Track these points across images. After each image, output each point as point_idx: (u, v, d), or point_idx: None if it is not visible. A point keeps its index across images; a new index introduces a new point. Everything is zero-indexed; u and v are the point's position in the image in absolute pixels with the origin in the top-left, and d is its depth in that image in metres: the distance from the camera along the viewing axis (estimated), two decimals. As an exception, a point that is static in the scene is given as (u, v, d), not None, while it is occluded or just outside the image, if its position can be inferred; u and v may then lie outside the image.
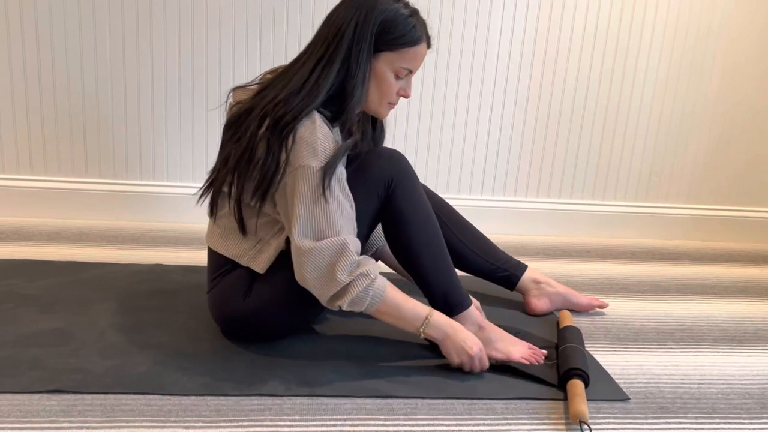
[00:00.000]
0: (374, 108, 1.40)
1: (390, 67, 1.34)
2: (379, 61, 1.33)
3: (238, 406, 1.19)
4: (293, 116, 1.26)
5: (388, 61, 1.34)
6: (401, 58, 1.34)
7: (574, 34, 2.33)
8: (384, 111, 1.41)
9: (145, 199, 2.26)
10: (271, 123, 1.27)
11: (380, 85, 1.35)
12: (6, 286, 1.64)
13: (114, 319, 1.50)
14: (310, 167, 1.25)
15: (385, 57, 1.33)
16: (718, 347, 1.60)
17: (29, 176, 2.22)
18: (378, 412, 1.21)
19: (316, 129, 1.27)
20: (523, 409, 1.25)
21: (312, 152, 1.26)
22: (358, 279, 1.26)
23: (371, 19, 1.30)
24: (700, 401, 1.33)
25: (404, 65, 1.35)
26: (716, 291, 2.00)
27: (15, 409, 1.14)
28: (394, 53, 1.33)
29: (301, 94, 1.28)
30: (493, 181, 2.44)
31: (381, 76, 1.34)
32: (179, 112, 2.23)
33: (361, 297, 1.27)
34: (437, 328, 1.33)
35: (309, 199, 1.26)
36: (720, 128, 2.50)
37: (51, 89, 2.16)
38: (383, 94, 1.37)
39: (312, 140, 1.26)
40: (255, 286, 1.37)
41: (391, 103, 1.40)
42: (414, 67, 1.37)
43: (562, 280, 1.93)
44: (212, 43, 2.18)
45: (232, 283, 1.39)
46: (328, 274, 1.26)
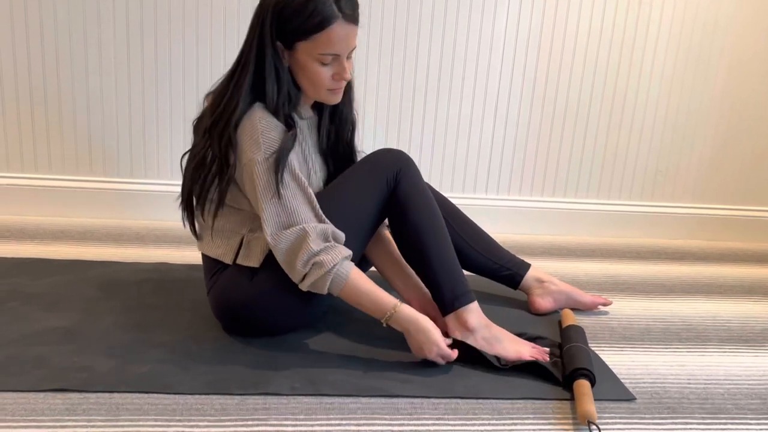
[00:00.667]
0: (316, 97, 1.40)
1: (309, 56, 1.31)
2: (297, 52, 1.32)
3: (242, 405, 1.19)
4: (226, 118, 1.30)
5: (305, 51, 1.31)
6: (315, 46, 1.30)
7: (579, 31, 2.32)
8: (328, 97, 1.39)
9: (149, 198, 2.26)
10: (209, 128, 1.32)
11: (307, 75, 1.34)
12: (11, 285, 1.64)
13: (118, 318, 1.50)
14: (256, 161, 1.30)
15: (301, 47, 1.31)
16: (725, 347, 1.59)
17: (34, 174, 2.22)
18: (383, 412, 1.20)
19: (256, 122, 1.30)
20: (529, 409, 1.25)
21: (255, 145, 1.29)
22: (313, 268, 1.29)
23: (269, 13, 1.29)
24: (707, 401, 1.33)
25: (322, 51, 1.30)
26: (722, 291, 1.99)
27: (20, 407, 1.14)
28: (307, 42, 1.30)
29: (224, 99, 1.32)
30: (497, 179, 2.43)
31: (304, 66, 1.33)
32: (183, 110, 2.23)
33: (318, 284, 1.30)
34: (400, 322, 1.34)
35: (266, 191, 1.30)
36: (726, 127, 2.49)
37: (55, 87, 2.16)
38: (314, 83, 1.35)
39: (254, 133, 1.30)
40: (256, 276, 1.38)
41: (331, 89, 1.37)
42: (335, 50, 1.31)
43: (566, 280, 1.92)
44: (217, 40, 2.18)
45: (231, 277, 1.40)
46: (290, 263, 1.31)
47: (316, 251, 1.29)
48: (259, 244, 1.38)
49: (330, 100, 1.40)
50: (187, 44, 2.17)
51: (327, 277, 1.30)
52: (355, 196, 1.39)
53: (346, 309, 1.61)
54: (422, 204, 1.41)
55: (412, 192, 1.41)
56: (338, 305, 1.56)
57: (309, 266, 1.29)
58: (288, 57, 1.34)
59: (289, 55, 1.33)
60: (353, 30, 1.32)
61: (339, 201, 1.38)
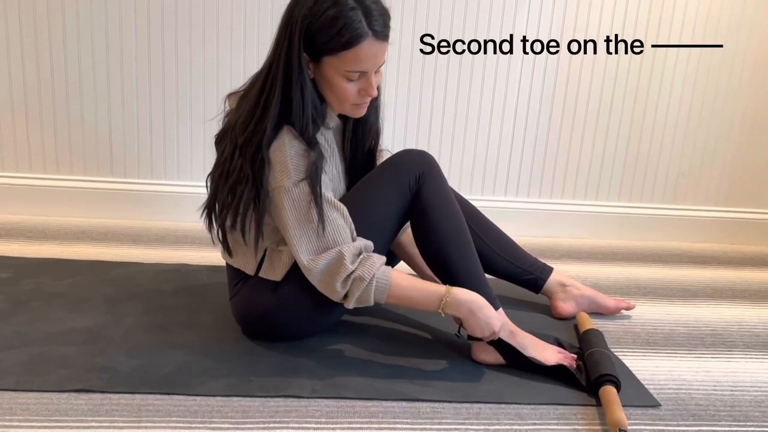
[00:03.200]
0: (339, 111, 1.37)
1: (336, 72, 1.28)
2: (323, 66, 1.28)
3: (264, 408, 1.19)
4: (257, 142, 1.28)
5: (332, 66, 1.27)
6: (342, 62, 1.26)
7: (600, 32, 2.30)
8: (353, 112, 1.37)
9: (170, 199, 2.28)
10: (240, 147, 1.29)
11: (333, 90, 1.31)
12: (34, 285, 1.65)
13: (140, 319, 1.50)
14: (285, 188, 1.28)
15: (328, 62, 1.27)
16: (751, 353, 1.57)
17: (56, 176, 2.24)
18: (404, 415, 1.20)
19: (285, 148, 1.28)
20: (552, 415, 1.23)
21: (285, 172, 1.28)
22: (353, 285, 1.29)
23: (297, 28, 1.24)
24: (734, 408, 1.30)
25: (349, 68, 1.26)
26: (747, 295, 1.96)
27: (44, 407, 1.14)
28: (335, 57, 1.26)
29: (254, 119, 1.29)
30: (517, 182, 2.42)
31: (330, 81, 1.29)
32: (203, 111, 2.23)
33: (363, 297, 1.30)
34: (457, 306, 1.32)
35: (296, 218, 1.29)
36: (749, 129, 2.46)
37: (77, 89, 2.18)
38: (339, 98, 1.32)
39: (282, 160, 1.28)
40: (280, 287, 1.38)
41: (356, 105, 1.34)
42: (362, 68, 1.27)
43: (588, 283, 1.90)
44: (237, 41, 2.19)
45: (256, 286, 1.40)
46: (329, 285, 1.30)
47: (352, 269, 1.28)
48: (281, 258, 1.37)
49: (354, 113, 1.37)
50: (208, 46, 2.18)
51: (370, 288, 1.29)
52: (376, 202, 1.37)
53: (366, 312, 1.60)
54: (445, 212, 1.39)
55: (435, 199, 1.39)
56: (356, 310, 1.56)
57: (348, 284, 1.29)
58: (313, 69, 1.30)
59: (315, 68, 1.30)
60: (383, 47, 1.28)
61: (360, 207, 1.37)
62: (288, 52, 1.26)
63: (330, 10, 1.22)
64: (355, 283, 1.28)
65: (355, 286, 1.29)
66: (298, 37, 1.24)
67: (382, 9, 1.27)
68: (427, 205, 1.38)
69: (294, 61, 1.26)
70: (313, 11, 1.23)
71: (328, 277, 1.29)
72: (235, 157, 1.31)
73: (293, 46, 1.25)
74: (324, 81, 1.31)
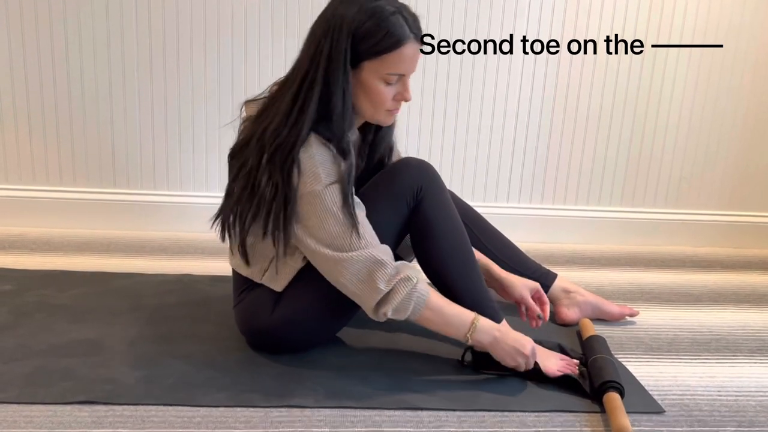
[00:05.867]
0: (372, 117, 1.36)
1: (376, 76, 1.29)
2: (362, 71, 1.29)
3: (267, 418, 1.19)
4: (289, 148, 1.26)
5: (372, 70, 1.28)
6: (384, 65, 1.27)
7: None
8: (385, 118, 1.37)
9: (172, 210, 2.28)
10: (269, 155, 1.27)
11: (370, 95, 1.31)
12: (38, 296, 1.66)
13: (143, 330, 1.51)
14: (317, 192, 1.26)
15: (368, 66, 1.28)
16: (756, 358, 1.56)
17: (59, 187, 2.25)
18: (407, 424, 1.19)
19: (314, 155, 1.27)
20: (556, 422, 1.23)
21: (315, 178, 1.26)
22: (399, 284, 1.25)
23: (342, 34, 1.25)
24: (739, 414, 1.30)
25: (390, 71, 1.28)
26: (751, 299, 1.96)
27: (47, 419, 1.14)
28: (376, 61, 1.27)
29: (288, 123, 1.27)
30: (519, 188, 2.42)
31: (368, 86, 1.30)
32: (205, 122, 2.24)
33: (404, 303, 1.26)
34: (485, 333, 1.30)
35: (328, 220, 1.26)
36: (751, 132, 2.45)
37: (80, 99, 2.19)
38: (375, 103, 1.32)
39: (312, 166, 1.26)
40: (280, 302, 1.37)
41: (389, 110, 1.35)
42: (403, 70, 1.30)
43: (591, 289, 1.90)
44: (238, 52, 2.19)
45: (258, 297, 1.40)
46: (369, 283, 1.26)
47: (396, 268, 1.26)
48: (286, 269, 1.36)
49: (386, 121, 1.37)
50: (209, 57, 2.19)
51: (412, 295, 1.26)
52: (374, 216, 1.34)
53: (367, 322, 1.60)
54: (445, 229, 1.37)
55: (435, 215, 1.37)
56: (359, 319, 1.56)
57: (393, 283, 1.25)
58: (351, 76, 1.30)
59: (352, 75, 1.30)
60: (419, 50, 1.32)
61: None
62: (331, 58, 1.26)
63: (374, 16, 1.25)
64: (401, 283, 1.25)
65: (401, 286, 1.25)
66: (345, 43, 1.25)
67: (415, 14, 1.31)
68: (427, 223, 1.37)
69: (339, 67, 1.26)
70: (357, 17, 1.25)
71: (367, 276, 1.25)
72: (262, 167, 1.27)
73: (338, 52, 1.25)
74: (360, 87, 1.30)
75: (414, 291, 1.26)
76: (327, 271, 1.30)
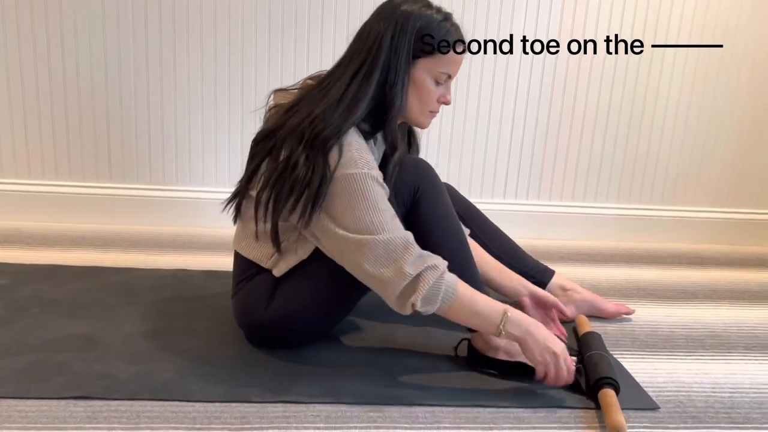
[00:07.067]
0: (415, 117, 1.37)
1: (429, 74, 1.33)
2: (417, 68, 1.32)
3: (262, 413, 1.19)
4: (334, 131, 1.25)
5: (426, 68, 1.32)
6: (439, 63, 1.32)
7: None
8: (425, 120, 1.39)
9: (168, 204, 2.28)
10: (309, 139, 1.25)
11: (420, 93, 1.33)
12: (32, 291, 1.65)
13: (138, 325, 1.50)
14: (351, 174, 1.24)
15: (423, 64, 1.32)
16: (750, 355, 1.56)
17: (54, 182, 2.24)
18: (403, 420, 1.19)
19: (352, 141, 1.26)
20: (551, 418, 1.23)
21: (352, 162, 1.24)
22: (426, 271, 1.21)
23: (408, 28, 1.29)
24: (733, 410, 1.30)
25: (443, 70, 1.33)
26: (746, 296, 1.96)
27: (42, 415, 1.14)
28: (432, 59, 1.32)
29: (339, 108, 1.27)
30: (516, 184, 2.42)
31: (420, 83, 1.33)
32: (202, 117, 2.24)
33: (433, 292, 1.21)
34: (518, 325, 1.25)
35: (359, 201, 1.23)
36: (747, 130, 2.46)
37: (75, 93, 2.18)
38: (424, 102, 1.35)
39: (350, 152, 1.25)
40: (277, 294, 1.37)
41: (432, 112, 1.38)
42: (453, 71, 1.36)
43: (587, 285, 1.90)
44: (234, 46, 2.19)
45: (256, 288, 1.39)
46: (394, 268, 1.21)
47: (421, 254, 1.22)
48: (289, 258, 1.35)
49: (425, 122, 1.39)
50: (205, 51, 2.18)
51: (441, 283, 1.21)
52: None
53: (364, 317, 1.60)
54: (443, 233, 1.36)
55: (432, 218, 1.37)
56: (358, 309, 1.56)
57: (420, 267, 1.21)
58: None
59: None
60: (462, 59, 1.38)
61: None
62: (396, 50, 1.29)
63: (437, 15, 1.32)
64: (428, 270, 1.21)
65: (428, 273, 1.21)
66: (410, 36, 1.29)
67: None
68: (424, 226, 1.36)
69: (402, 60, 1.29)
70: (423, 13, 1.30)
71: (392, 261, 1.21)
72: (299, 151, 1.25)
73: (403, 45, 1.29)
74: (412, 84, 1.33)
75: (442, 279, 1.22)
76: (348, 257, 1.26)
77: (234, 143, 2.26)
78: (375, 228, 1.22)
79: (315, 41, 2.20)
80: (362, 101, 1.28)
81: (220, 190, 2.27)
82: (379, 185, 1.26)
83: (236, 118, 2.24)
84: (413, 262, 1.21)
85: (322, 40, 2.20)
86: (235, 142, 2.26)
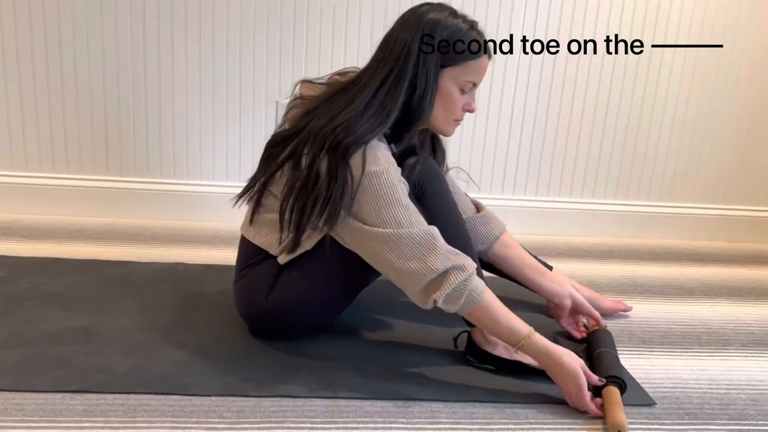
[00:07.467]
0: (440, 125, 1.38)
1: (455, 82, 1.34)
2: (443, 77, 1.33)
3: (259, 408, 1.19)
4: (358, 139, 1.25)
5: (452, 76, 1.33)
6: (465, 72, 1.33)
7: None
8: (450, 128, 1.39)
9: (166, 198, 2.27)
10: (331, 146, 1.24)
11: (446, 101, 1.34)
12: (29, 284, 1.65)
13: (136, 318, 1.50)
14: (375, 172, 1.24)
15: (450, 72, 1.33)
16: (746, 351, 1.57)
17: (52, 174, 2.24)
18: (400, 415, 1.20)
19: (373, 145, 1.27)
20: (548, 414, 1.23)
21: (375, 160, 1.25)
22: (452, 271, 1.21)
23: (435, 36, 1.29)
24: (729, 407, 1.31)
25: (469, 78, 1.34)
26: (743, 293, 1.97)
27: (39, 408, 1.14)
28: (459, 67, 1.33)
29: (365, 116, 1.27)
30: (514, 180, 2.42)
31: (446, 91, 1.33)
32: (199, 111, 2.23)
33: (457, 293, 1.21)
34: (538, 350, 1.25)
35: (380, 199, 1.24)
36: (746, 127, 2.45)
37: (73, 84, 2.17)
38: (449, 110, 1.35)
39: (372, 151, 1.26)
40: (278, 283, 1.37)
41: (456, 120, 1.38)
42: (478, 79, 1.36)
43: (585, 281, 1.90)
44: (232, 40, 2.18)
45: (259, 275, 1.39)
46: (420, 262, 1.21)
47: (449, 250, 1.23)
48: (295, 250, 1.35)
49: (450, 130, 1.40)
50: (204, 44, 2.17)
51: (468, 282, 1.22)
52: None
53: (361, 311, 1.60)
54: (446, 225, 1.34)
55: (435, 211, 1.36)
56: (357, 304, 1.56)
57: (448, 263, 1.21)
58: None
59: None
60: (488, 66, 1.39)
61: None
62: (423, 59, 1.29)
63: (463, 24, 1.33)
64: (454, 271, 1.21)
65: (454, 274, 1.21)
66: (437, 45, 1.30)
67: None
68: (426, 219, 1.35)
69: (431, 70, 1.30)
70: (450, 23, 1.32)
71: (418, 254, 1.22)
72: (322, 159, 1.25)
73: (430, 55, 1.30)
74: (438, 92, 1.33)
75: (467, 283, 1.22)
76: (372, 251, 1.25)
77: (232, 138, 2.26)
78: (400, 222, 1.23)
79: (326, 34, 2.20)
80: (392, 110, 1.29)
81: (218, 183, 2.26)
82: (401, 182, 1.28)
83: (234, 113, 2.24)
84: (442, 257, 1.22)
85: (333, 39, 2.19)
86: (234, 137, 2.26)
